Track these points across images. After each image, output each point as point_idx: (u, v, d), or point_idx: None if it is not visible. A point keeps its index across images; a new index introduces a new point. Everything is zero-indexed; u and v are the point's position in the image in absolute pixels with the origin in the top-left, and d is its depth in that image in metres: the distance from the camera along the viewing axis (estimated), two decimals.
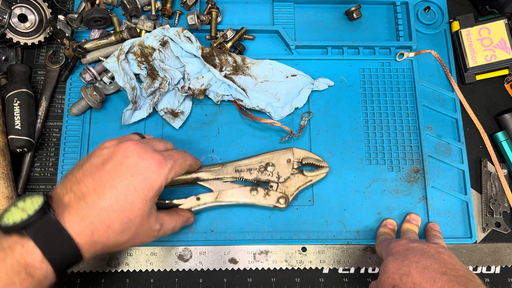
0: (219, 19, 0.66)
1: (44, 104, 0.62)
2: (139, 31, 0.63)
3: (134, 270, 0.57)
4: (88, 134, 0.62)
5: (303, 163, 0.59)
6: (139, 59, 0.60)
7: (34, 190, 0.60)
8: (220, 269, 0.58)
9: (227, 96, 0.61)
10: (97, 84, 0.62)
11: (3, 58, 0.64)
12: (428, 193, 0.61)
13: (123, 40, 0.61)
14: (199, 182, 0.57)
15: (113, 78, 0.62)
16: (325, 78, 0.64)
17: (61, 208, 0.40)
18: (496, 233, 0.61)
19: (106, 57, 0.61)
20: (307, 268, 0.58)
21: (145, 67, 0.61)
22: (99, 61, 0.63)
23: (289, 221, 0.59)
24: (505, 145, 0.63)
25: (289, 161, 0.58)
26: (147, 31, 0.63)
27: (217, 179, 0.57)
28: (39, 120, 0.61)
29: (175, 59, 0.61)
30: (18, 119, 0.57)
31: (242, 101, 0.61)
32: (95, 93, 0.59)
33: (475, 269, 0.60)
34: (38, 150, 0.62)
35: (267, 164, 0.57)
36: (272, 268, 0.58)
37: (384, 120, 0.64)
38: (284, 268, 0.58)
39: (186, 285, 0.57)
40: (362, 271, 0.59)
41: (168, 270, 0.57)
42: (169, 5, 0.65)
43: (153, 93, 0.61)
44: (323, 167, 0.59)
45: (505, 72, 0.65)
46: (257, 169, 0.57)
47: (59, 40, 0.62)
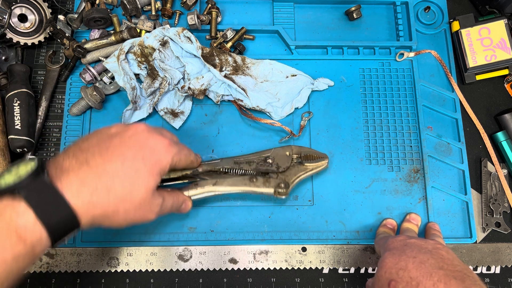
0: (219, 19, 0.66)
1: (44, 104, 0.62)
2: (139, 31, 0.63)
3: (134, 270, 0.57)
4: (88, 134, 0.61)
5: (302, 156, 0.57)
6: (139, 59, 0.60)
7: None
8: (220, 269, 0.58)
9: (227, 96, 0.61)
10: (97, 84, 0.62)
11: (3, 58, 0.64)
12: (428, 193, 0.61)
13: (123, 40, 0.61)
14: (198, 174, 0.55)
15: (113, 78, 0.62)
16: (325, 78, 0.64)
17: (59, 171, 0.38)
18: (496, 233, 0.61)
19: (106, 57, 0.61)
20: (307, 268, 0.58)
21: (145, 67, 0.61)
22: (99, 61, 0.63)
23: (289, 221, 0.59)
24: (505, 145, 0.63)
25: (288, 154, 0.57)
26: (147, 31, 0.63)
27: (216, 171, 0.56)
28: (39, 120, 0.61)
29: (175, 59, 0.61)
30: (18, 119, 0.57)
31: (242, 101, 0.61)
32: (95, 93, 0.59)
33: (475, 269, 0.60)
34: (38, 150, 0.62)
35: (266, 157, 0.57)
36: (272, 268, 0.58)
37: (384, 120, 0.64)
38: (284, 268, 0.58)
39: (186, 285, 0.57)
40: (362, 271, 0.59)
41: (168, 270, 0.57)
42: (169, 5, 0.65)
43: (153, 93, 0.61)
44: (323, 158, 0.58)
45: (505, 72, 0.65)
46: (256, 161, 0.56)
47: (59, 40, 0.62)
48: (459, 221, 0.60)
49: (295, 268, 0.58)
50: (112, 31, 0.63)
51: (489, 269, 0.60)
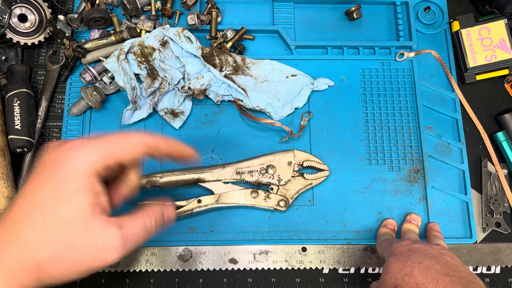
0: (219, 19, 0.66)
1: (44, 104, 0.62)
2: (139, 31, 0.63)
3: (134, 270, 0.57)
4: (88, 134, 0.62)
5: (304, 165, 0.59)
6: (139, 59, 0.60)
7: None
8: (220, 269, 0.58)
9: (227, 96, 0.61)
10: (97, 84, 0.62)
11: (3, 58, 0.64)
12: (428, 193, 0.61)
13: (123, 40, 0.61)
14: (200, 183, 0.57)
15: (113, 78, 0.62)
16: (325, 78, 0.64)
17: None
18: (496, 233, 0.61)
19: (106, 57, 0.61)
20: (307, 268, 0.58)
21: (145, 67, 0.61)
22: (99, 61, 0.63)
23: (289, 221, 0.59)
24: (505, 145, 0.63)
25: (290, 163, 0.58)
26: (147, 31, 0.63)
27: (218, 180, 0.57)
28: (39, 120, 0.61)
29: (175, 59, 0.61)
30: (18, 119, 0.57)
31: (242, 101, 0.61)
32: (95, 93, 0.59)
33: (475, 269, 0.60)
34: (38, 150, 0.62)
35: (268, 166, 0.58)
36: (272, 268, 0.58)
37: (384, 120, 0.64)
38: (284, 268, 0.58)
39: (186, 285, 0.57)
40: (362, 271, 0.59)
41: (168, 270, 0.57)
42: (169, 5, 0.65)
43: (153, 93, 0.61)
44: (324, 170, 0.59)
45: (505, 72, 0.65)
46: (258, 171, 0.58)
47: (59, 40, 0.62)
48: (459, 221, 0.60)
49: (295, 268, 0.58)
50: (112, 31, 0.63)
51: (489, 269, 0.60)
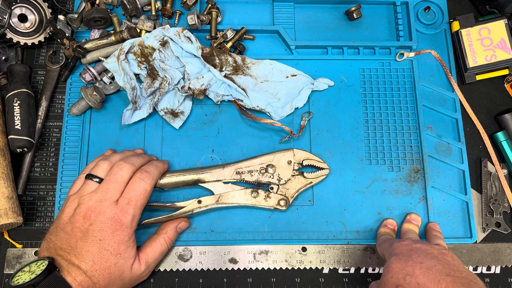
0: (219, 19, 0.66)
1: (44, 104, 0.62)
2: (139, 31, 0.63)
3: None
4: (88, 134, 0.62)
5: (304, 164, 0.59)
6: (139, 59, 0.60)
7: (34, 190, 0.60)
8: (220, 269, 0.58)
9: (227, 96, 0.61)
10: (97, 84, 0.62)
11: (3, 58, 0.64)
12: (428, 193, 0.61)
13: (123, 40, 0.61)
14: (200, 183, 0.57)
15: (113, 78, 0.62)
16: (325, 78, 0.64)
17: (60, 268, 0.46)
18: (496, 233, 0.61)
19: (106, 57, 0.61)
20: (307, 268, 0.58)
21: (145, 67, 0.61)
22: (99, 61, 0.63)
23: (289, 221, 0.59)
24: (505, 145, 0.63)
25: (289, 162, 0.58)
26: (147, 31, 0.63)
27: (218, 181, 0.57)
28: (39, 120, 0.61)
29: (175, 59, 0.61)
30: (18, 119, 0.57)
31: (242, 101, 0.61)
32: (95, 93, 0.59)
33: (475, 269, 0.60)
34: (38, 150, 0.62)
35: (268, 165, 0.58)
36: (272, 268, 0.58)
37: (384, 120, 0.64)
38: (284, 268, 0.58)
39: (186, 285, 0.57)
40: (362, 271, 0.59)
41: (168, 270, 0.57)
42: (169, 5, 0.65)
43: (153, 93, 0.61)
44: (323, 168, 0.59)
45: (505, 72, 0.65)
46: (258, 170, 0.58)
47: (59, 40, 0.62)
48: (459, 221, 0.60)
49: (295, 268, 0.58)
50: (112, 31, 0.63)
51: (489, 269, 0.60)
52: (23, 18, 0.61)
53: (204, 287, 0.57)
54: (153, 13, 0.65)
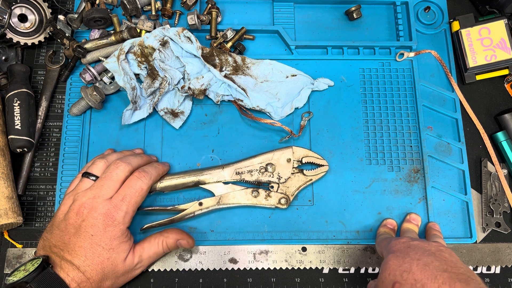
0: (219, 19, 0.66)
1: (44, 104, 0.62)
2: (139, 31, 0.63)
3: None
4: (88, 134, 0.62)
5: (303, 162, 0.59)
6: (139, 59, 0.60)
7: (34, 190, 0.60)
8: (220, 269, 0.58)
9: (227, 96, 0.61)
10: (97, 84, 0.62)
11: (3, 58, 0.64)
12: (428, 193, 0.61)
13: (123, 40, 0.61)
14: (200, 185, 0.57)
15: (113, 78, 0.62)
16: (325, 78, 0.64)
17: (54, 265, 0.47)
18: (496, 233, 0.61)
19: (106, 57, 0.61)
20: (307, 268, 0.58)
21: (145, 67, 0.61)
22: (99, 61, 0.63)
23: (289, 221, 0.59)
24: (505, 145, 0.63)
25: (289, 160, 0.58)
26: (147, 31, 0.63)
27: (218, 182, 0.57)
28: (39, 120, 0.61)
29: (175, 59, 0.61)
30: (18, 119, 0.57)
31: (242, 101, 0.61)
32: (95, 93, 0.59)
33: (475, 269, 0.59)
34: (38, 150, 0.62)
35: (267, 164, 0.58)
36: (272, 268, 0.58)
37: (384, 120, 0.64)
38: (284, 268, 0.58)
39: (186, 285, 0.57)
40: (362, 271, 0.59)
41: (168, 270, 0.57)
42: (169, 5, 0.65)
43: (153, 93, 0.61)
44: (323, 165, 0.59)
45: (505, 72, 0.65)
46: (257, 170, 0.58)
47: (59, 40, 0.62)
48: (459, 221, 0.60)
49: (295, 268, 0.58)
50: (112, 31, 0.63)
51: (489, 269, 0.60)
52: (23, 18, 0.61)
53: (204, 287, 0.57)
54: (153, 13, 0.65)
